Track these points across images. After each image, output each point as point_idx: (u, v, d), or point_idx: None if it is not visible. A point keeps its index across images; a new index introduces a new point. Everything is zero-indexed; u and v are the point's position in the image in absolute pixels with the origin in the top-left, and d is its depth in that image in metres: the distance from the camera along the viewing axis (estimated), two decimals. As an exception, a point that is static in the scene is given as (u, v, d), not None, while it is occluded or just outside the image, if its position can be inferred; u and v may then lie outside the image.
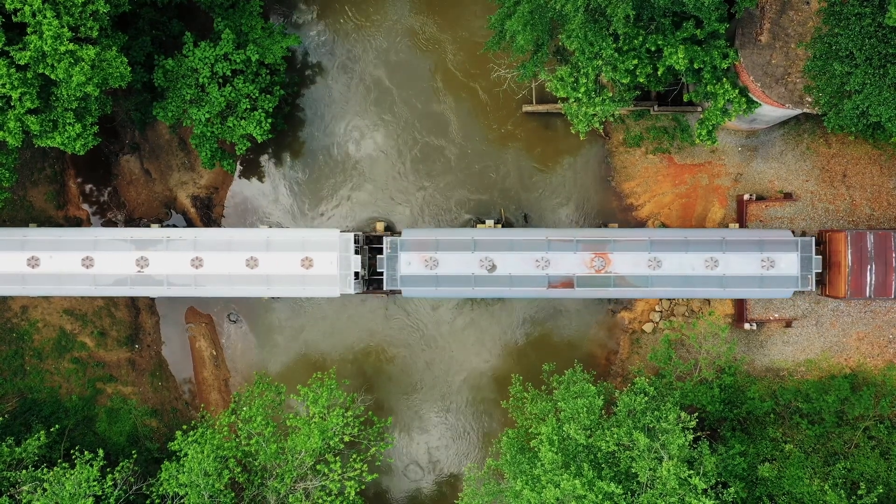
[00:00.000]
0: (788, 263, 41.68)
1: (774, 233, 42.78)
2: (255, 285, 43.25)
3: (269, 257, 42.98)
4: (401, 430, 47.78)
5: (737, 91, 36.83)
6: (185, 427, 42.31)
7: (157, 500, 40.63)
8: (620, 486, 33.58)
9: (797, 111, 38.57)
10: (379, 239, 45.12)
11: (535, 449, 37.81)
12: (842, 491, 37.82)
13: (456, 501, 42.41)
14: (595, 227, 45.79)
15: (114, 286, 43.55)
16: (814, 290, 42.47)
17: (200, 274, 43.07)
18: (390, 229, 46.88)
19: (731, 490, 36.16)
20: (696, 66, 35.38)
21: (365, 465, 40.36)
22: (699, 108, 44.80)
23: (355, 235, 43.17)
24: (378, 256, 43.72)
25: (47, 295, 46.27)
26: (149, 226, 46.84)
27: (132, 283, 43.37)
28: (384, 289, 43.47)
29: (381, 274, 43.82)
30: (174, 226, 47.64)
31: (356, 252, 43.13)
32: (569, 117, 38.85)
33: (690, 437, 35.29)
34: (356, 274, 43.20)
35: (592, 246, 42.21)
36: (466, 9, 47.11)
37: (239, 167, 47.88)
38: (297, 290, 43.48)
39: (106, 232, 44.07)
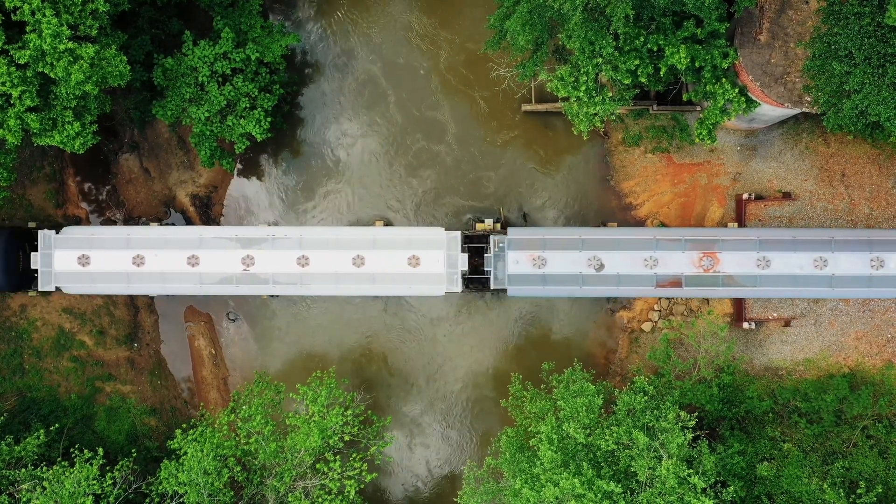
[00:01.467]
0: None
1: (887, 232, 42.57)
2: (361, 284, 43.12)
3: (375, 255, 42.84)
4: (400, 429, 47.80)
5: (736, 90, 36.86)
6: (184, 426, 42.28)
7: (156, 499, 40.62)
8: (620, 485, 33.63)
9: (796, 110, 38.61)
10: (477, 237, 44.97)
11: (535, 448, 37.84)
12: (840, 490, 37.89)
13: (455, 500, 42.44)
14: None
15: (219, 285, 43.51)
16: None
17: (306, 272, 42.96)
18: (389, 225, 46.81)
19: (730, 489, 36.22)
20: (697, 65, 35.42)
21: (365, 465, 40.37)
22: (698, 108, 44.84)
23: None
24: (485, 255, 43.53)
25: (152, 294, 46.32)
26: (147, 225, 46.82)
27: (238, 282, 43.30)
28: (490, 287, 43.42)
29: (481, 273, 43.90)
30: (173, 224, 47.58)
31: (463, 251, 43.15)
32: (570, 117, 38.86)
33: (690, 436, 35.34)
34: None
35: (701, 245, 42.10)
36: (466, 8, 47.11)
37: (238, 166, 47.87)
38: (403, 288, 43.40)
39: (211, 230, 44.06)
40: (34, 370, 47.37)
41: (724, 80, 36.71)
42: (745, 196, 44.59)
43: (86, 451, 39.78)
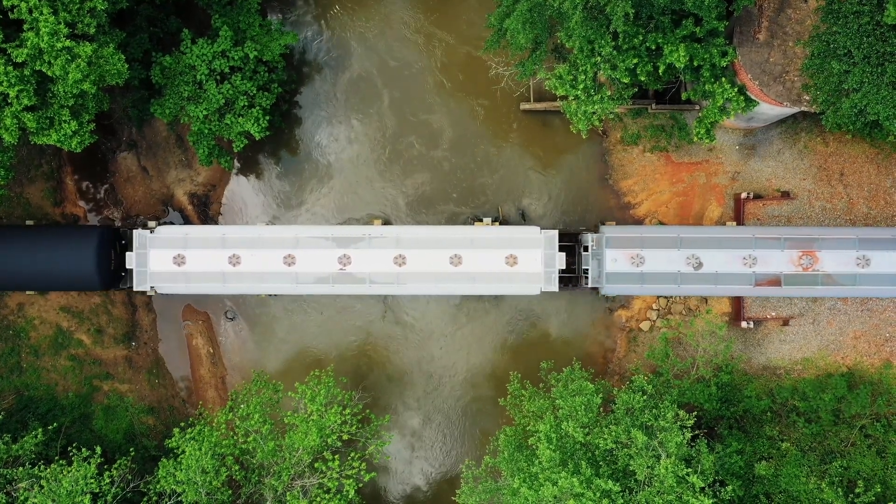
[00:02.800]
0: None
1: None
2: (458, 283, 43.06)
3: (473, 255, 42.78)
4: (398, 428, 47.77)
5: (735, 89, 36.86)
6: (182, 424, 42.23)
7: (154, 498, 40.57)
8: (618, 484, 33.63)
9: (795, 109, 38.60)
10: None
11: (533, 447, 37.84)
12: (839, 489, 37.91)
13: (453, 499, 42.43)
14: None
15: (315, 284, 43.38)
16: None
17: (403, 272, 42.88)
18: (387, 224, 46.79)
19: (729, 488, 36.21)
20: (695, 63, 35.40)
21: (363, 464, 40.32)
22: (697, 107, 44.81)
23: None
24: (583, 254, 43.52)
25: (248, 293, 46.05)
26: (145, 223, 46.73)
27: (334, 282, 43.16)
28: (588, 286, 43.37)
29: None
30: (171, 223, 47.48)
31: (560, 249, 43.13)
32: (568, 116, 38.83)
33: (688, 435, 35.34)
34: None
35: (800, 243, 41.96)
36: (466, 7, 47.07)
37: (237, 164, 47.79)
38: (501, 287, 43.26)
39: (307, 230, 43.84)
40: (32, 369, 47.30)
41: (722, 78, 36.70)
42: (743, 195, 44.58)
43: (84, 449, 39.72)
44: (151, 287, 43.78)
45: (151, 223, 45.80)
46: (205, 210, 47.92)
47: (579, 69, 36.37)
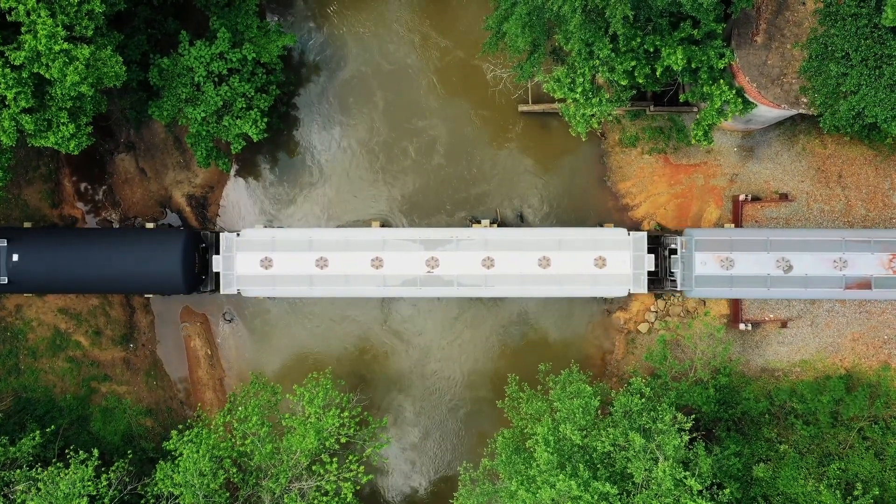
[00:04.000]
0: None
1: None
2: (546, 285, 42.87)
3: (561, 257, 42.64)
4: (396, 430, 47.75)
5: (733, 92, 36.85)
6: (180, 426, 42.20)
7: (151, 500, 40.54)
8: (616, 487, 33.63)
9: (793, 112, 38.60)
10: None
11: (531, 449, 37.81)
12: (837, 491, 37.91)
13: (451, 501, 42.38)
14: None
15: (402, 287, 43.27)
16: None
17: (491, 274, 42.75)
18: (386, 226, 46.77)
19: (727, 491, 36.20)
20: (693, 65, 35.39)
21: (361, 467, 40.29)
22: (695, 109, 44.81)
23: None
24: (672, 257, 43.40)
25: (334, 296, 45.74)
26: (143, 225, 46.72)
27: (421, 284, 43.04)
28: (677, 289, 43.29)
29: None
30: (169, 225, 47.47)
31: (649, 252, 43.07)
32: (567, 119, 38.81)
33: (686, 438, 35.34)
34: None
35: (891, 246, 41.67)
36: (464, 11, 47.07)
37: (234, 166, 47.75)
38: (588, 289, 43.15)
39: (394, 232, 43.85)
40: (30, 370, 47.27)
41: (720, 80, 36.70)
42: (741, 197, 44.58)
43: (81, 452, 39.70)
44: (238, 290, 43.72)
45: (149, 224, 45.90)
46: (203, 212, 47.90)
47: (577, 72, 36.36)
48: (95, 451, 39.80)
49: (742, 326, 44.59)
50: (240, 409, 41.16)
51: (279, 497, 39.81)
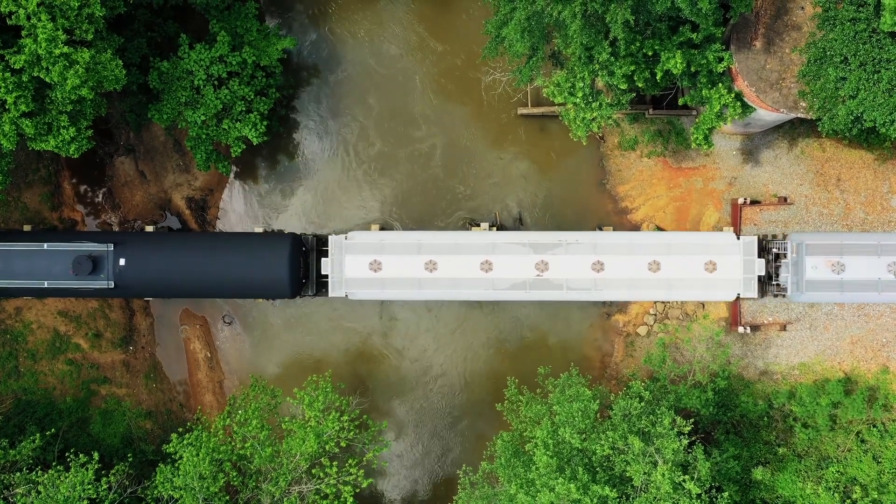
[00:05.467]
0: None
1: None
2: (655, 289, 43.06)
3: (670, 261, 42.77)
4: (396, 434, 47.78)
5: (732, 95, 36.93)
6: (180, 429, 42.19)
7: (151, 503, 40.57)
8: (615, 490, 33.71)
9: (791, 116, 38.67)
10: None
11: (530, 452, 37.86)
12: (835, 494, 37.98)
13: (450, 504, 42.50)
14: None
15: (510, 290, 43.32)
16: None
17: (601, 278, 42.85)
18: (385, 230, 46.77)
19: (725, 494, 36.27)
20: (693, 69, 35.45)
21: (361, 471, 40.31)
22: (694, 112, 44.88)
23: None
24: (783, 261, 43.28)
25: (443, 299, 45.96)
26: (143, 228, 46.73)
27: (530, 287, 43.11)
28: (785, 294, 43.26)
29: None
30: (169, 228, 47.49)
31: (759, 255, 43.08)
32: (567, 123, 38.86)
33: (685, 441, 35.40)
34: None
35: None
36: (464, 15, 47.12)
37: (234, 169, 47.78)
38: (698, 293, 43.28)
39: (503, 236, 43.85)
40: (29, 373, 47.28)
41: (719, 84, 36.79)
42: (740, 200, 44.63)
43: (81, 455, 39.71)
44: (346, 293, 43.77)
45: (150, 226, 45.91)
46: (202, 214, 47.93)
47: (577, 76, 36.41)
48: (95, 455, 39.82)
49: (741, 329, 44.64)
50: (239, 412, 41.17)
51: (279, 500, 39.85)
